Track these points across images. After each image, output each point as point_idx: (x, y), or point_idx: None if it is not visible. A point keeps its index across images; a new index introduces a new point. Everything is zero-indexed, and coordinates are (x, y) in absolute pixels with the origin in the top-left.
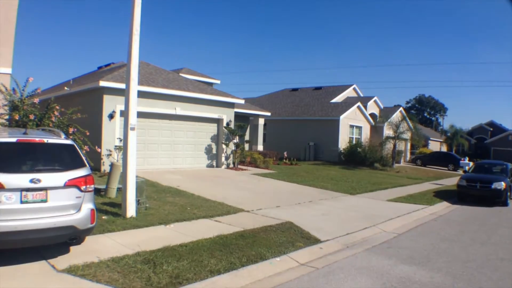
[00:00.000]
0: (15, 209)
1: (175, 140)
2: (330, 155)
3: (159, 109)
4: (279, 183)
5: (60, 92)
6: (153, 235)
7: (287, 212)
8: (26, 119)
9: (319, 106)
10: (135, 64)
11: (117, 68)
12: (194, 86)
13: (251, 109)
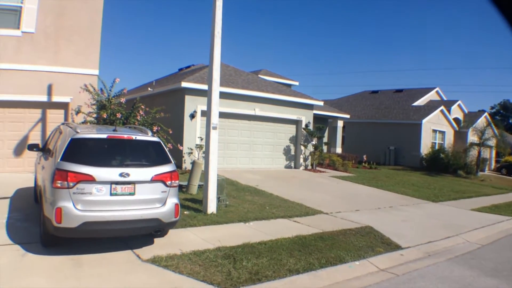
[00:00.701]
0: (105, 201)
1: (254, 141)
2: (410, 160)
3: (239, 109)
4: (358, 186)
5: (144, 93)
6: (233, 231)
7: (366, 217)
8: (113, 118)
9: (400, 109)
10: (216, 66)
11: (198, 70)
12: (273, 87)
13: (330, 111)
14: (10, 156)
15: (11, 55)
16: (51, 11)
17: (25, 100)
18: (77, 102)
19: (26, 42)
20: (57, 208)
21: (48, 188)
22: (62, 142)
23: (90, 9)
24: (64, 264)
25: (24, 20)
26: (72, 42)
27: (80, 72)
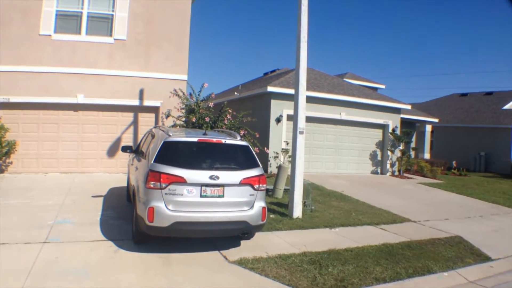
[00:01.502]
0: (195, 202)
1: (340, 145)
2: (501, 167)
3: (324, 114)
4: (447, 194)
5: (230, 97)
6: (319, 237)
7: (456, 226)
8: (201, 122)
9: (490, 113)
10: (303, 70)
11: (283, 74)
12: (359, 91)
13: (418, 115)
14: (104, 157)
15: (104, 61)
16: (141, 19)
17: (118, 104)
18: (167, 106)
19: (118, 49)
20: (150, 208)
21: (141, 188)
22: (155, 144)
23: (178, 16)
24: (154, 262)
25: (116, 28)
26: (162, 48)
27: (170, 77)
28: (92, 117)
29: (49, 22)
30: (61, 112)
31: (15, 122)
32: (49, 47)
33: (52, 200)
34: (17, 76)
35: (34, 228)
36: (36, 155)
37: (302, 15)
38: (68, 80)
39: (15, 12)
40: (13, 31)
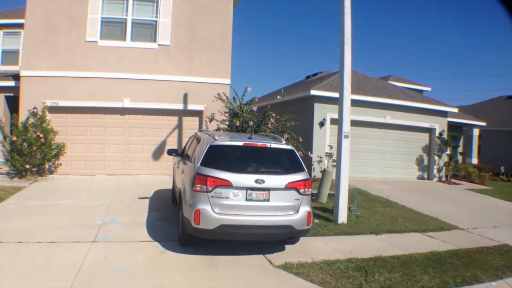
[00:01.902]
0: (240, 206)
1: (385, 149)
2: None
3: (369, 117)
4: (496, 201)
5: (273, 101)
6: (364, 243)
7: (504, 234)
8: (245, 125)
9: None
10: (347, 73)
11: (326, 77)
12: (404, 93)
13: (465, 119)
14: (149, 159)
15: (149, 66)
16: (184, 24)
17: (163, 108)
18: (211, 110)
19: (162, 54)
20: (196, 210)
21: (188, 191)
22: (201, 148)
23: (221, 21)
24: (199, 263)
25: (160, 34)
26: (205, 53)
27: (213, 82)
28: (137, 121)
29: (95, 29)
30: (108, 116)
31: (64, 125)
32: (95, 53)
33: (100, 201)
34: (65, 81)
35: (83, 227)
36: (84, 157)
37: (345, 17)
38: (114, 85)
39: (62, 19)
40: (61, 38)
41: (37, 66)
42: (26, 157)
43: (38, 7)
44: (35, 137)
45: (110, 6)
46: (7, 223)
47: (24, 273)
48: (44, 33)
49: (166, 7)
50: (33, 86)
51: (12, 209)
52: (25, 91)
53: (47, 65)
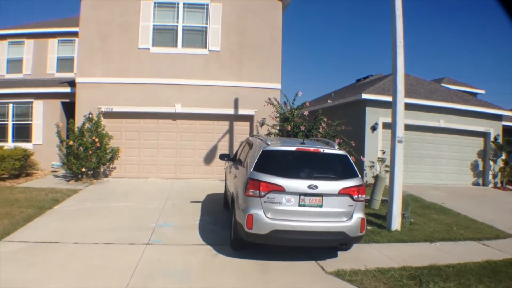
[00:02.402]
0: (293, 211)
1: (439, 154)
2: None
3: (422, 121)
4: None
5: (323, 105)
6: (418, 251)
7: None
8: (296, 130)
9: None
10: (400, 77)
11: (377, 81)
12: (458, 97)
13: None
14: (201, 164)
15: (200, 72)
16: (233, 30)
17: (214, 113)
18: (261, 114)
19: (212, 60)
20: (249, 215)
21: (240, 195)
22: (253, 153)
23: (270, 26)
24: (252, 268)
25: (210, 40)
26: (255, 58)
27: (263, 86)
28: (189, 126)
29: (147, 36)
30: (160, 121)
31: (118, 130)
32: (148, 60)
33: (153, 204)
34: (119, 87)
35: (137, 230)
36: (138, 161)
37: (397, 20)
38: (166, 90)
39: (115, 28)
40: (114, 46)
41: (91, 73)
42: (82, 161)
43: (91, 16)
44: (90, 142)
45: (161, 14)
46: (64, 224)
47: (81, 273)
48: (98, 41)
49: (215, 14)
50: (88, 92)
51: (69, 210)
52: (80, 97)
53: (101, 72)
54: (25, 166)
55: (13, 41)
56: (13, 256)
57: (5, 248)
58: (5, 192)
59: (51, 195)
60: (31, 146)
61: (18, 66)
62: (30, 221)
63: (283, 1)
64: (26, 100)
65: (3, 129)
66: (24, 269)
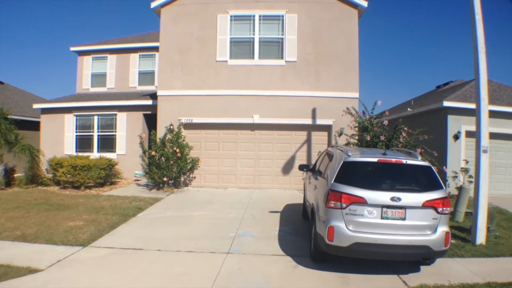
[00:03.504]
0: (375, 224)
1: None
2: None
3: (506, 129)
4: None
5: (402, 113)
6: (504, 266)
7: None
8: (376, 140)
9: None
10: (483, 83)
11: (458, 87)
12: None
13: None
14: (279, 174)
15: (277, 83)
16: (309, 40)
17: (291, 123)
18: (339, 124)
19: (289, 70)
20: (330, 227)
21: (321, 207)
22: (334, 164)
23: (346, 35)
24: (332, 280)
25: (286, 51)
26: (331, 68)
27: (341, 96)
28: (267, 136)
29: (224, 49)
30: (238, 132)
31: (197, 141)
32: (225, 72)
33: (232, 214)
34: (198, 99)
35: (217, 238)
36: (217, 171)
37: (477, 24)
38: (244, 101)
39: (193, 42)
40: (193, 59)
41: (171, 86)
42: (163, 170)
43: (170, 32)
44: (171, 152)
45: (237, 27)
46: (147, 231)
47: (164, 280)
48: (177, 55)
49: (291, 24)
50: (169, 105)
51: (151, 218)
52: (161, 109)
53: (181, 84)
54: (110, 175)
55: (97, 56)
56: (100, 262)
57: (92, 254)
58: (91, 200)
59: (134, 203)
60: (115, 156)
61: (102, 80)
62: (115, 228)
63: (359, 9)
64: (110, 112)
65: (89, 140)
66: (110, 274)
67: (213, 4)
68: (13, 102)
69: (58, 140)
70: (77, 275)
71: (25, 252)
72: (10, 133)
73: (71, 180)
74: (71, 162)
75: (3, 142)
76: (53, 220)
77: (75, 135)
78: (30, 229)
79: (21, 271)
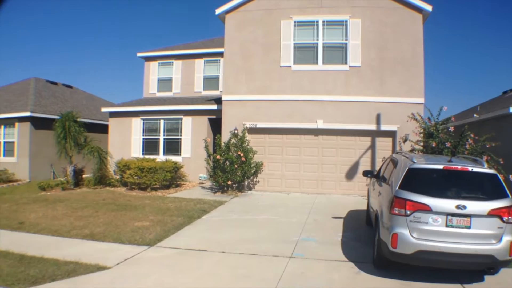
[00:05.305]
0: (439, 232)
1: None
2: None
3: None
4: None
5: (467, 119)
6: None
7: None
8: (441, 146)
9: None
10: None
11: None
12: None
13: None
14: (342, 179)
15: (341, 88)
16: (373, 45)
17: (355, 128)
18: (404, 130)
19: (353, 75)
20: (394, 234)
21: (385, 213)
22: (399, 170)
23: (410, 39)
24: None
25: (350, 56)
26: (396, 73)
27: (405, 101)
28: (330, 141)
29: (288, 54)
30: (302, 137)
31: (261, 145)
32: (289, 77)
33: (295, 218)
34: (262, 104)
35: (280, 242)
36: (280, 175)
37: None
38: (307, 107)
39: (257, 47)
40: (257, 64)
41: (236, 91)
42: (228, 174)
43: (234, 38)
44: (236, 156)
45: (301, 33)
46: (211, 233)
47: (228, 281)
48: (242, 60)
49: (355, 29)
50: (233, 109)
51: (215, 221)
52: (226, 114)
53: (245, 89)
54: (175, 178)
55: (163, 62)
56: (165, 261)
57: (158, 253)
58: (157, 201)
59: (199, 206)
60: (180, 159)
61: (167, 85)
62: (180, 229)
63: (423, 14)
64: (176, 116)
65: (155, 143)
66: (175, 273)
67: (277, 10)
68: (82, 105)
69: (125, 142)
70: (144, 273)
71: (93, 250)
72: (80, 136)
73: (138, 181)
74: (138, 164)
75: (73, 144)
76: (120, 220)
77: (142, 138)
78: (98, 228)
79: (89, 268)
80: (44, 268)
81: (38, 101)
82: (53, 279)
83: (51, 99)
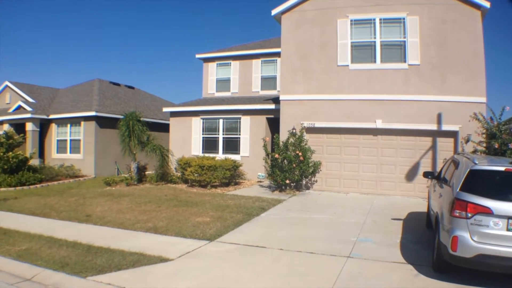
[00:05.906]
0: (500, 235)
1: None
2: None
3: None
4: None
5: None
6: None
7: None
8: (504, 148)
9: None
10: None
11: None
12: None
13: None
14: (402, 180)
15: (399, 87)
16: (432, 43)
17: (415, 128)
18: (466, 130)
19: (412, 74)
20: (454, 237)
21: (445, 216)
22: (460, 172)
23: (470, 37)
24: None
25: (409, 54)
26: (457, 71)
27: (467, 101)
28: (390, 141)
29: (345, 53)
30: (361, 137)
31: (319, 145)
32: (347, 76)
33: (354, 219)
34: (320, 103)
35: (338, 242)
36: (338, 175)
37: None
38: (366, 106)
39: (314, 47)
40: (314, 64)
41: (293, 91)
42: (286, 173)
43: (291, 38)
44: (294, 155)
45: (358, 31)
46: (270, 231)
47: (286, 278)
48: (298, 60)
49: (413, 27)
50: (291, 109)
51: (274, 218)
52: (284, 113)
53: (302, 89)
54: (234, 176)
55: (221, 63)
56: (225, 256)
57: (218, 248)
58: (217, 198)
59: (257, 203)
60: (239, 158)
61: (226, 85)
62: (239, 225)
63: (482, 10)
64: (234, 116)
65: (214, 142)
66: (235, 268)
67: (333, 9)
68: (143, 105)
69: (185, 141)
70: (205, 266)
71: (156, 242)
72: (143, 134)
73: (198, 179)
74: (199, 162)
75: (136, 142)
76: (181, 215)
77: (201, 137)
78: (161, 222)
79: (152, 259)
80: (110, 258)
81: (102, 101)
82: (119, 268)
83: (114, 99)
